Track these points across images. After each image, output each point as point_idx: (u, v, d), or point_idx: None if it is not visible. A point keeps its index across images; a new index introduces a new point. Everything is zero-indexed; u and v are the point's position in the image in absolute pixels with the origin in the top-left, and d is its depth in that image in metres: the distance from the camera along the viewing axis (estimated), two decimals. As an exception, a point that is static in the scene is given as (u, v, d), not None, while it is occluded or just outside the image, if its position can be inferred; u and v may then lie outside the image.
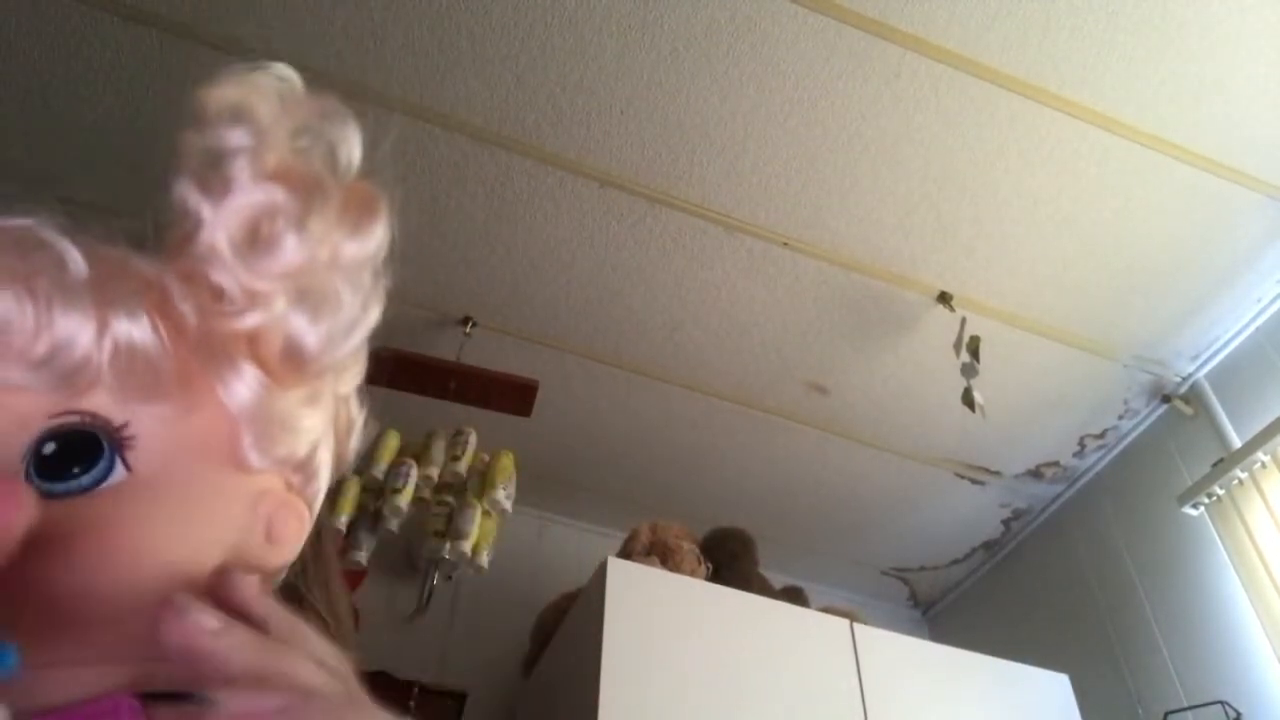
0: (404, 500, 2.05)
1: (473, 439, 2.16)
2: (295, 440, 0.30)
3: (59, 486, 0.26)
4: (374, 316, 0.32)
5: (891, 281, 2.05)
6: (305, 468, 0.32)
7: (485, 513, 2.16)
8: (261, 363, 0.29)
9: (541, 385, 2.01)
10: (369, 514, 2.09)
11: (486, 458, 2.20)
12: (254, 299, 0.29)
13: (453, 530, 2.13)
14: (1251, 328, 2.10)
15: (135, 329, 0.26)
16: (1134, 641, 2.19)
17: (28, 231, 0.27)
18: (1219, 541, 2.00)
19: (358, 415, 0.37)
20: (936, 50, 1.68)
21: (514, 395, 2.00)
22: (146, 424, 0.27)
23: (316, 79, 0.37)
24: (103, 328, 0.26)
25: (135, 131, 1.79)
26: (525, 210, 1.97)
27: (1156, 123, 1.77)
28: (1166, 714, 1.94)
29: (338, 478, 0.37)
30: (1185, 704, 1.96)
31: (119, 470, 0.26)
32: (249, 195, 0.29)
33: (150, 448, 0.26)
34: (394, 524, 2.04)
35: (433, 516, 2.17)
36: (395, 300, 0.35)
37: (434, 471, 2.13)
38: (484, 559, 2.16)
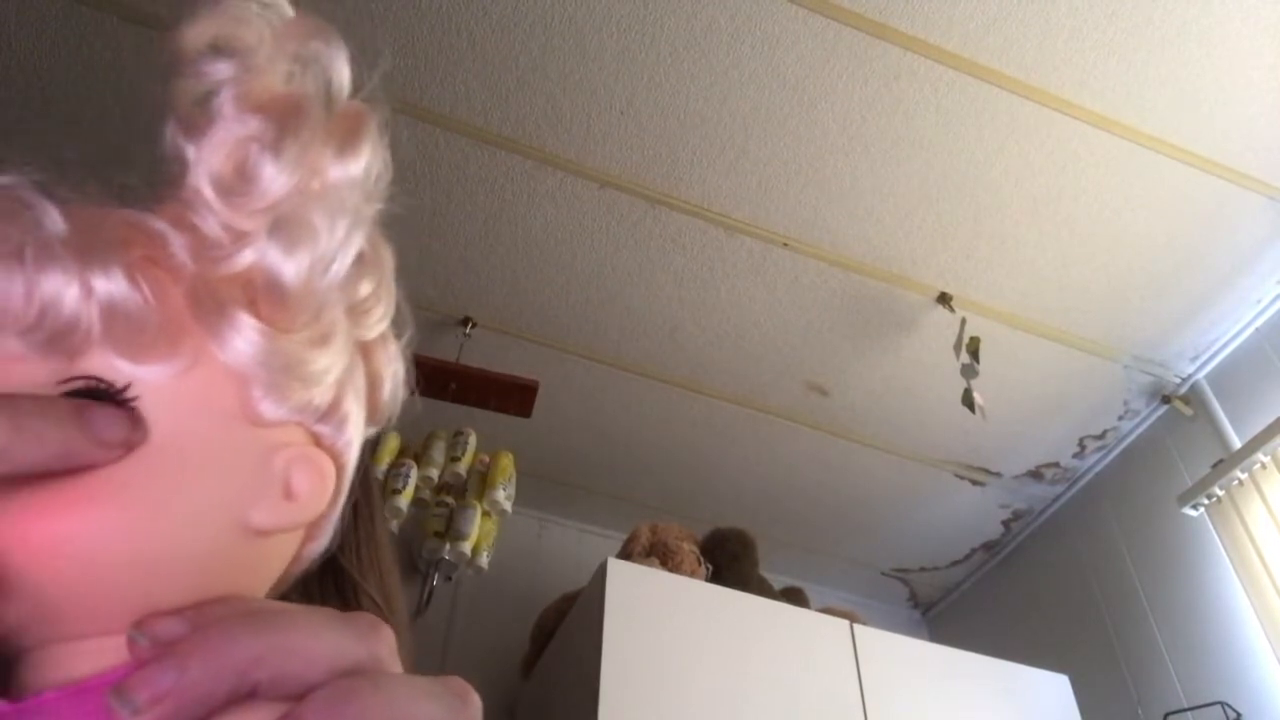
0: (404, 501, 2.04)
1: (473, 439, 2.16)
2: (309, 387, 0.29)
3: None
4: (358, 243, 0.29)
5: (891, 282, 2.05)
6: (330, 417, 0.30)
7: (485, 513, 2.16)
8: (255, 308, 0.27)
9: (541, 385, 2.01)
10: (369, 514, 2.08)
11: (486, 458, 2.20)
12: (240, 239, 0.27)
13: (453, 531, 2.13)
14: (1251, 328, 2.10)
15: (112, 284, 0.25)
16: (1134, 641, 2.19)
17: (5, 192, 0.26)
18: (1219, 542, 2.00)
19: (393, 362, 0.35)
20: (937, 51, 1.68)
21: (514, 396, 1.99)
22: (148, 384, 0.26)
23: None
24: (85, 285, 0.25)
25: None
26: (525, 210, 1.97)
27: (1157, 124, 1.77)
28: (1166, 714, 1.94)
29: (377, 431, 0.35)
30: (1185, 704, 1.96)
31: None
32: (230, 128, 0.28)
33: (156, 409, 0.26)
34: (394, 524, 2.04)
35: (433, 517, 2.17)
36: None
37: (434, 472, 2.13)
38: (484, 559, 2.16)
